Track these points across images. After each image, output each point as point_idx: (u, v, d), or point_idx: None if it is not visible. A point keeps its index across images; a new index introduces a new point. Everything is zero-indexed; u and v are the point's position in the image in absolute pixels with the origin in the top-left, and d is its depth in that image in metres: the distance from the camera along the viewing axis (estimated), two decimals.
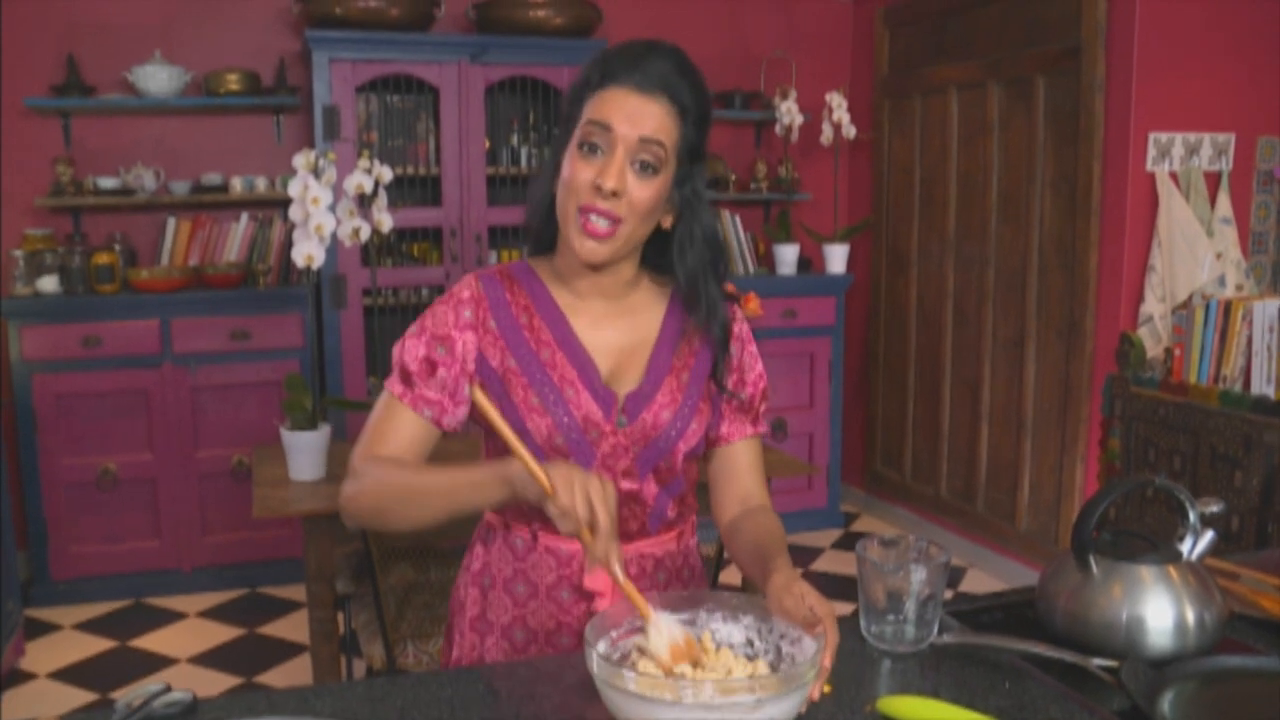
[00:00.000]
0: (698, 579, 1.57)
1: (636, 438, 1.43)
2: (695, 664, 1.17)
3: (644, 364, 1.45)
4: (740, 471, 1.54)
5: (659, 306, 1.49)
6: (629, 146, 1.34)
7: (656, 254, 1.48)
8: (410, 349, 1.42)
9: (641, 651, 1.18)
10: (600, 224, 1.35)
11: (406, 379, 1.41)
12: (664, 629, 1.18)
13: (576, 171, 1.34)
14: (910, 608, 1.33)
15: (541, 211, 1.45)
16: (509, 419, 1.39)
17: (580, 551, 1.43)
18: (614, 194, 1.33)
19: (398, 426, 1.41)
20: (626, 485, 1.43)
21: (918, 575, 1.33)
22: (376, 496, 1.37)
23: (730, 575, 3.92)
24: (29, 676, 3.47)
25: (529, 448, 1.34)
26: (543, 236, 1.47)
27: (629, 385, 1.44)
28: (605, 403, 1.42)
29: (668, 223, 1.44)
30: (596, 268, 1.41)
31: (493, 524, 1.51)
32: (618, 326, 1.46)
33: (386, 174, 3.09)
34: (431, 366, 1.40)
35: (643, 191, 1.35)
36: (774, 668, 1.19)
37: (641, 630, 1.20)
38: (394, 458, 1.40)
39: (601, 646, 1.12)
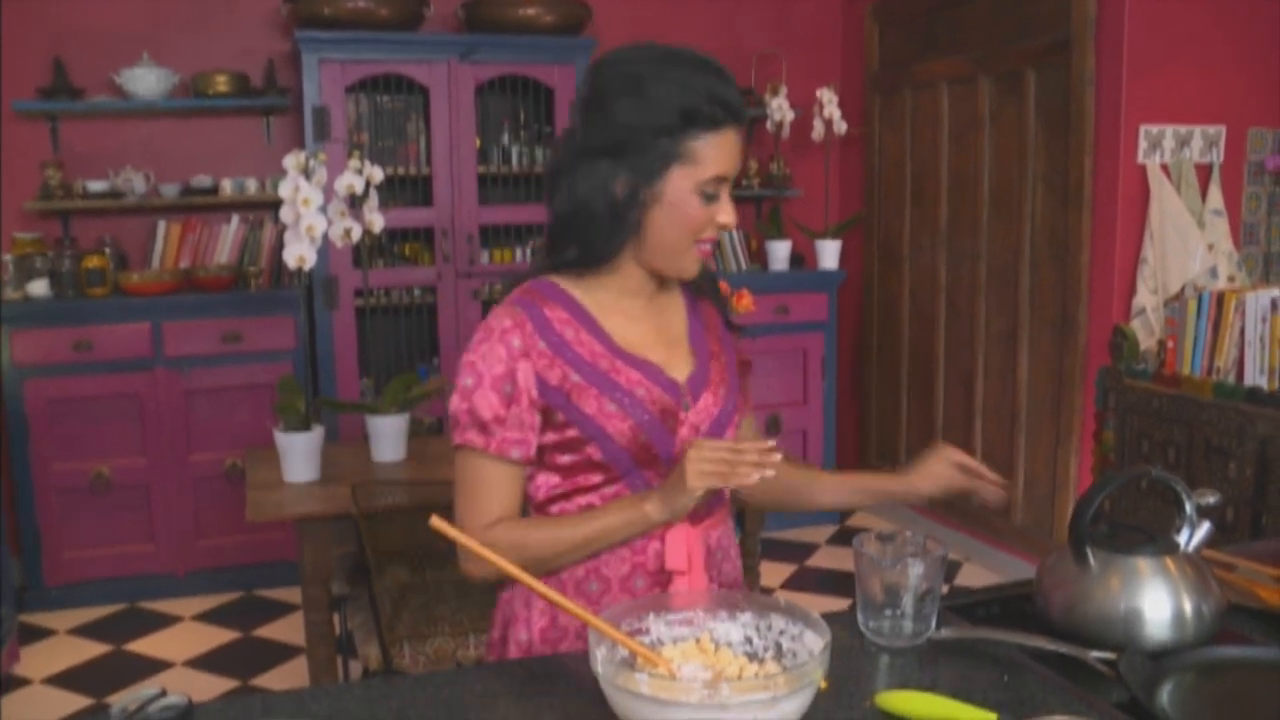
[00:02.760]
0: (733, 550, 1.62)
1: (703, 417, 1.48)
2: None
3: (688, 350, 1.52)
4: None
5: (679, 301, 1.56)
6: (731, 181, 1.44)
7: None
8: (479, 399, 1.41)
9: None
10: (709, 249, 1.47)
11: (483, 428, 1.41)
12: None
13: (700, 215, 1.41)
14: (908, 602, 1.33)
15: (603, 228, 1.42)
16: (584, 429, 1.41)
17: (652, 538, 1.45)
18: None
19: (491, 481, 1.43)
20: None
21: (915, 570, 1.32)
22: (510, 568, 1.41)
23: None
24: (24, 682, 3.46)
25: (614, 451, 1.42)
26: (595, 252, 1.44)
27: (685, 370, 1.49)
28: (672, 391, 1.46)
29: None
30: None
31: None
32: (654, 322, 1.51)
33: (377, 174, 3.09)
34: (507, 408, 1.41)
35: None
36: (778, 663, 1.19)
37: (642, 632, 1.21)
38: (506, 521, 1.43)
39: (604, 649, 1.12)
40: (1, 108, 4.15)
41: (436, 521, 1.25)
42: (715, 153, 1.38)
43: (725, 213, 1.42)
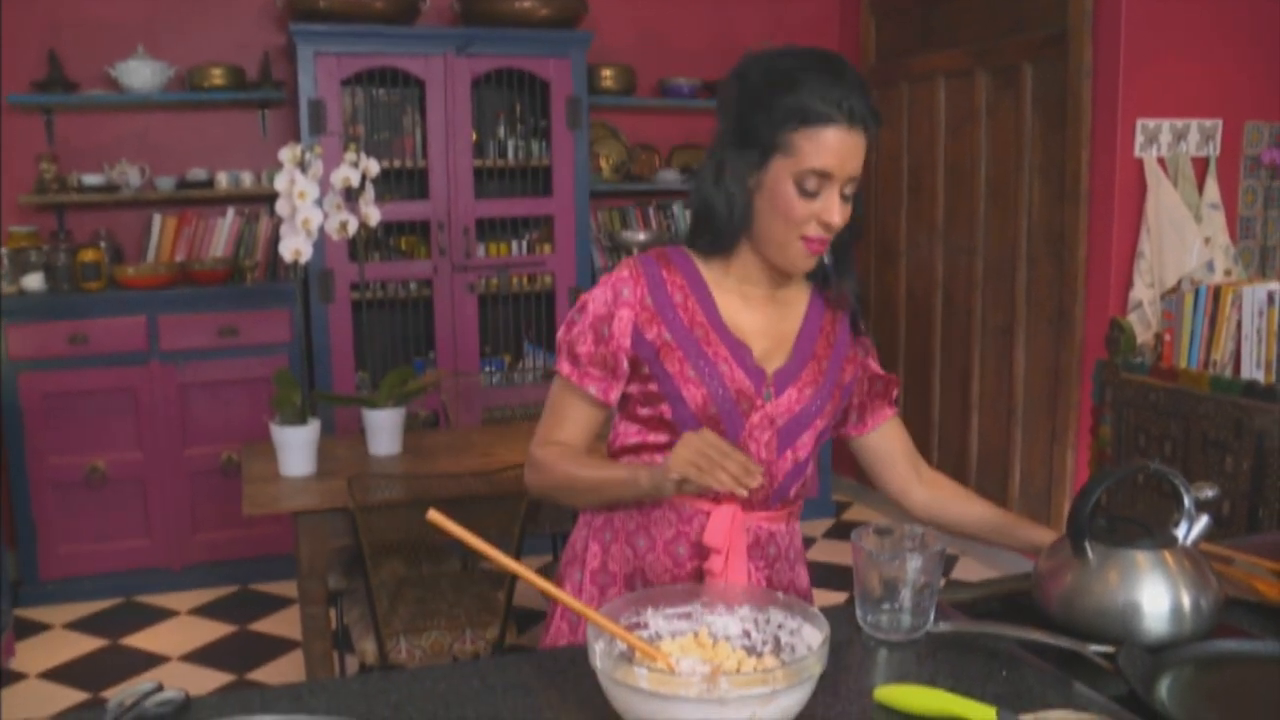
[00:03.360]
0: (799, 558, 1.65)
1: (781, 411, 1.53)
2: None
3: (790, 346, 1.57)
4: (899, 452, 1.70)
5: (803, 300, 1.61)
6: (840, 182, 1.45)
7: None
8: (577, 334, 1.54)
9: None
10: (815, 246, 1.50)
11: (574, 360, 1.54)
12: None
13: (797, 208, 1.45)
14: (906, 596, 1.33)
15: (721, 217, 1.50)
16: (662, 386, 1.50)
17: (699, 511, 1.52)
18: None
19: (569, 406, 1.57)
20: (764, 458, 1.53)
21: (914, 564, 1.32)
22: (544, 487, 1.58)
23: None
24: (19, 677, 3.45)
25: (684, 415, 1.50)
26: (719, 241, 1.53)
27: (777, 363, 1.55)
28: (756, 378, 1.52)
29: None
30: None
31: None
32: (766, 312, 1.57)
33: (373, 167, 3.07)
34: (597, 346, 1.52)
35: (845, 216, 1.48)
36: (776, 658, 1.19)
37: (640, 626, 1.20)
38: (563, 445, 1.56)
39: (602, 643, 1.11)
40: None
41: (434, 515, 1.24)
42: (813, 147, 1.42)
43: (828, 212, 1.45)
